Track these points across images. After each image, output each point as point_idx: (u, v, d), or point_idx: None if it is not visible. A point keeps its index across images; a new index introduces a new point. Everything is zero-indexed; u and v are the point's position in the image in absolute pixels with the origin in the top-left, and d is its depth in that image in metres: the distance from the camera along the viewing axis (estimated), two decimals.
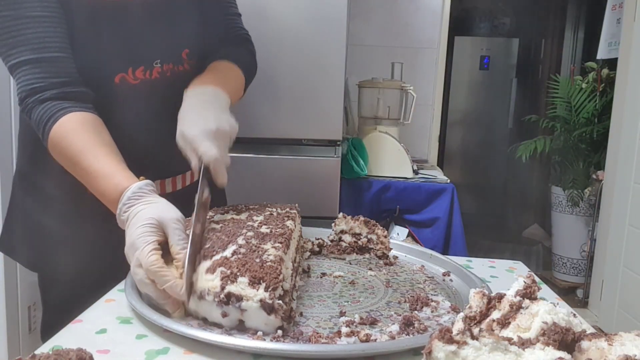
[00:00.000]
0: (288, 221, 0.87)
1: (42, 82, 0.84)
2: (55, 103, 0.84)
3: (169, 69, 0.98)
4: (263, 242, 0.76)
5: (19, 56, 0.84)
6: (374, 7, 2.80)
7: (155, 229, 0.73)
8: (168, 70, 0.98)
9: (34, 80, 0.84)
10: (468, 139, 4.69)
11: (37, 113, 0.84)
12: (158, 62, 0.97)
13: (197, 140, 0.83)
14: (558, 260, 3.32)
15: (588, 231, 3.09)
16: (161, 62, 0.97)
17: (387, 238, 1.03)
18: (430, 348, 0.48)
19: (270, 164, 1.91)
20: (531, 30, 4.67)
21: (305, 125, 1.89)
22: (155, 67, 0.96)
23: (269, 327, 0.67)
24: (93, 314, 0.74)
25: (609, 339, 0.53)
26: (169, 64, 0.98)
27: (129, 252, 0.72)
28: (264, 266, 0.68)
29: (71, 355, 0.51)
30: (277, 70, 1.86)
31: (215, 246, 0.75)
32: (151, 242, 0.71)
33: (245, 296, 0.66)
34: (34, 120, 0.85)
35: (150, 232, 0.72)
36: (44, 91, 0.84)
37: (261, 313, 0.66)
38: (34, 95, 0.84)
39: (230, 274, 0.67)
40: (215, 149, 0.83)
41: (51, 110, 0.84)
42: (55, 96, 0.85)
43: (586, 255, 3.09)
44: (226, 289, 0.66)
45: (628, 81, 2.59)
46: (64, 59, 0.87)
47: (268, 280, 0.66)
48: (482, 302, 0.60)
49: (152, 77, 0.96)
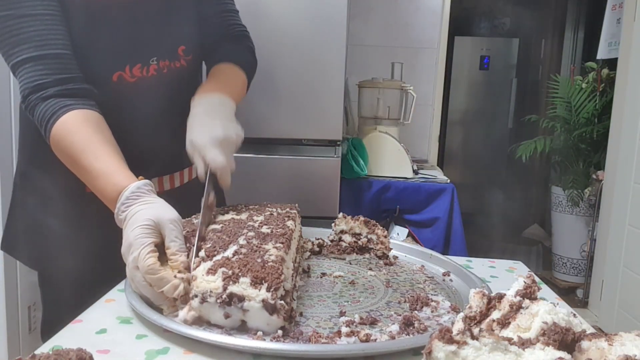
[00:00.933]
0: (289, 221, 0.87)
1: (46, 79, 0.84)
2: (58, 100, 0.84)
3: (166, 66, 0.98)
4: (264, 242, 0.76)
5: (21, 54, 0.84)
6: (374, 7, 2.80)
7: (152, 230, 0.73)
8: (165, 67, 0.98)
9: (37, 77, 0.84)
10: (468, 139, 4.68)
11: (39, 110, 0.84)
12: (155, 60, 0.97)
13: (205, 148, 0.86)
14: (558, 260, 3.32)
15: (588, 231, 3.09)
16: (157, 59, 0.97)
17: (387, 238, 1.03)
18: (430, 348, 0.48)
19: (270, 164, 1.91)
20: (531, 30, 4.67)
21: (305, 125, 1.89)
22: (152, 64, 0.96)
23: (271, 327, 0.67)
24: (93, 314, 0.74)
25: (609, 339, 0.53)
26: (165, 60, 0.98)
27: (126, 253, 0.73)
28: (266, 266, 0.68)
29: (71, 355, 0.51)
30: (277, 70, 1.86)
31: (216, 246, 0.75)
32: (148, 245, 0.71)
33: (247, 296, 0.66)
34: (36, 117, 0.85)
35: (147, 233, 0.72)
36: (47, 88, 0.84)
37: (263, 313, 0.66)
38: (37, 92, 0.84)
39: (232, 275, 0.67)
40: (222, 156, 0.86)
41: (54, 107, 0.84)
42: (58, 93, 0.84)
43: (586, 255, 3.09)
44: (228, 289, 0.66)
45: (628, 81, 2.59)
46: (67, 56, 0.87)
47: (270, 281, 0.66)
48: (482, 302, 0.60)
49: (148, 74, 0.96)
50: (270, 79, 1.84)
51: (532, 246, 4.07)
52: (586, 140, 3.16)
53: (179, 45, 1.00)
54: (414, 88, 2.36)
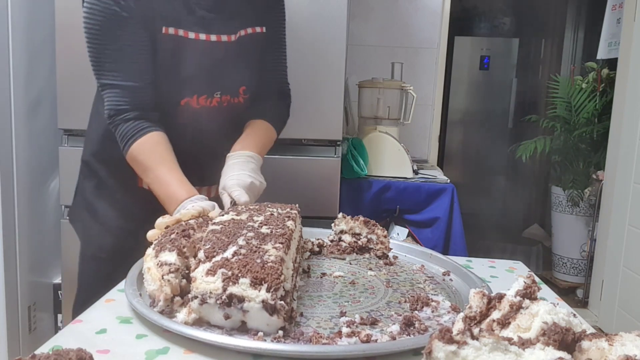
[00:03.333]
0: (288, 221, 0.87)
1: (127, 105, 1.08)
2: (136, 123, 1.09)
3: (227, 100, 1.18)
4: (264, 243, 0.76)
5: (112, 79, 1.08)
6: (374, 7, 2.79)
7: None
8: (225, 101, 1.18)
9: (121, 103, 1.09)
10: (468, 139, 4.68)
11: (122, 129, 1.09)
12: (218, 94, 1.16)
13: (232, 188, 1.06)
14: (558, 260, 3.32)
15: (588, 231, 3.09)
16: (221, 94, 1.17)
17: (387, 238, 1.03)
18: (431, 348, 0.48)
19: (270, 164, 1.90)
20: (531, 30, 4.67)
21: (305, 125, 1.89)
22: (215, 97, 1.16)
23: (271, 327, 0.67)
24: (93, 314, 0.74)
25: (610, 339, 0.53)
26: (227, 95, 1.18)
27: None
28: (265, 267, 0.68)
29: (71, 355, 0.51)
30: None
31: (215, 247, 0.75)
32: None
33: (247, 297, 0.66)
34: (119, 134, 1.10)
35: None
36: (127, 112, 1.09)
37: (263, 314, 0.66)
38: (120, 114, 1.09)
39: (232, 276, 0.67)
40: (246, 196, 1.04)
41: (133, 129, 1.08)
42: (136, 117, 1.09)
43: (586, 255, 3.09)
44: (228, 290, 0.66)
45: (628, 81, 2.59)
46: (145, 87, 1.10)
47: (270, 281, 0.66)
48: (482, 302, 0.60)
49: (211, 104, 1.16)
50: None
51: (532, 246, 4.07)
52: (586, 140, 3.16)
53: (241, 85, 1.20)
54: (414, 88, 2.35)
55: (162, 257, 0.77)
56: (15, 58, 1.85)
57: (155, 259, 0.77)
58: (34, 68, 1.95)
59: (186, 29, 1.09)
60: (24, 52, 1.89)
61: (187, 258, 0.78)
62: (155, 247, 0.80)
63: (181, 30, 1.08)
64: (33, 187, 1.98)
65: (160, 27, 1.07)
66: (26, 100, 1.92)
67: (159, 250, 0.79)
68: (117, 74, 1.08)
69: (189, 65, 1.11)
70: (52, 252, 2.05)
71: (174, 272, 0.74)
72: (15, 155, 1.88)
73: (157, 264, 0.75)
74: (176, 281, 0.73)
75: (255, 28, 1.19)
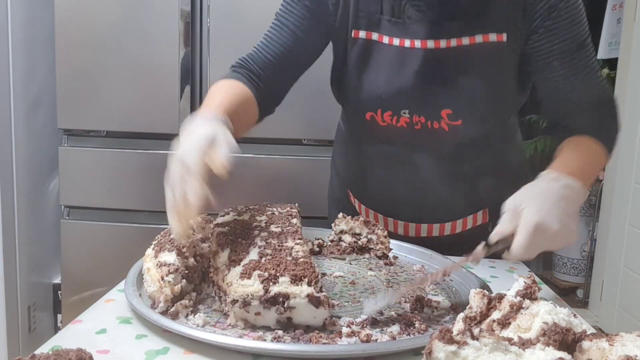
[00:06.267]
0: (293, 219, 0.89)
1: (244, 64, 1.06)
2: (234, 73, 1.05)
3: (419, 122, 1.02)
4: (284, 241, 0.78)
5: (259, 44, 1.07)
6: None
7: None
8: (418, 123, 1.02)
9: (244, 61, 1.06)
10: None
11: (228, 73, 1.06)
12: (407, 112, 1.01)
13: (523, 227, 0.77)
14: (558, 260, 3.32)
15: (588, 231, 3.09)
16: (410, 113, 1.01)
17: (387, 238, 1.03)
18: (431, 348, 0.48)
19: (270, 164, 1.91)
20: None
21: (305, 125, 1.89)
22: (402, 116, 1.02)
23: (318, 319, 0.68)
24: (93, 314, 0.74)
25: (610, 340, 0.53)
26: (421, 116, 1.01)
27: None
28: (299, 263, 0.71)
29: (71, 355, 0.51)
30: None
31: (237, 250, 0.76)
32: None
33: (291, 294, 0.67)
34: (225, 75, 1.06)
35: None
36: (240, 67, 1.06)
37: (310, 307, 0.67)
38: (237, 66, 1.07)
39: (269, 276, 0.68)
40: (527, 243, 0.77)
41: (230, 74, 1.05)
42: (237, 71, 1.05)
43: (586, 255, 3.09)
44: (270, 290, 0.67)
45: (628, 81, 2.59)
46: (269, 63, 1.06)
47: (309, 275, 0.68)
48: (482, 302, 0.60)
49: (398, 124, 1.03)
50: None
51: None
52: None
53: (443, 108, 1.00)
54: None
55: (161, 258, 0.77)
56: (15, 58, 1.85)
57: (154, 259, 0.77)
58: (33, 68, 1.95)
59: (382, 32, 0.99)
60: (23, 52, 1.89)
61: (187, 258, 0.78)
62: (155, 247, 0.80)
63: (375, 34, 1.00)
64: (32, 187, 1.98)
65: (351, 30, 1.02)
66: (26, 100, 1.92)
67: (159, 250, 0.79)
68: (264, 43, 1.07)
69: (371, 77, 1.02)
70: (52, 252, 2.05)
71: (174, 273, 0.73)
72: (15, 155, 1.88)
73: (157, 264, 0.75)
74: (177, 285, 0.73)
75: (490, 35, 0.97)
